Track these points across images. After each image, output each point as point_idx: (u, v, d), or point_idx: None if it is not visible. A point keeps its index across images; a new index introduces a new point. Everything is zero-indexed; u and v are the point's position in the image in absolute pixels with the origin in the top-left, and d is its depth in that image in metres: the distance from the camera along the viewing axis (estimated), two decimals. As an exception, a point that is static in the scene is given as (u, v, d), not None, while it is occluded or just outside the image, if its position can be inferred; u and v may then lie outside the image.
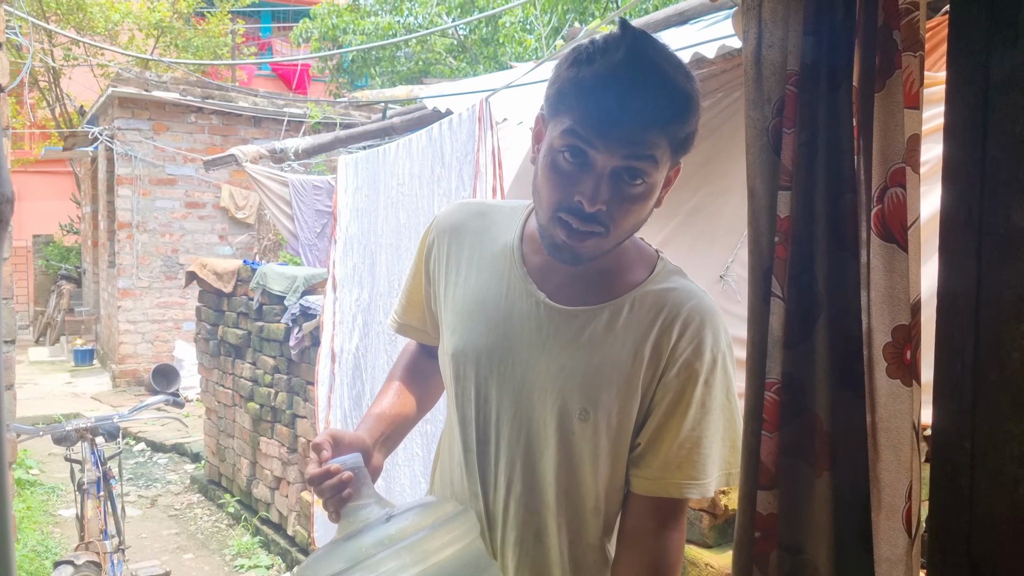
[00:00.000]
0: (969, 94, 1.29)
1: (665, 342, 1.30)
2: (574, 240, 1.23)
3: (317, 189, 6.19)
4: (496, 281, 1.38)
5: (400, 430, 1.51)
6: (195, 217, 10.39)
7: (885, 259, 1.20)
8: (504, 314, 1.35)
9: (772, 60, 1.22)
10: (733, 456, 1.34)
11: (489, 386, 1.35)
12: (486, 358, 1.35)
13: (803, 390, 1.20)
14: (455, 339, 1.39)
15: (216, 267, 6.21)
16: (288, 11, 17.09)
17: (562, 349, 1.32)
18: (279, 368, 5.46)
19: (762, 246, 1.21)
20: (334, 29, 13.21)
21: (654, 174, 1.23)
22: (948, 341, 1.33)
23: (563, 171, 1.22)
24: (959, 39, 1.31)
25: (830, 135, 1.21)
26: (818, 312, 1.19)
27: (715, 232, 3.07)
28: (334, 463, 1.25)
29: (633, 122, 1.17)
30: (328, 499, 1.25)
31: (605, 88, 1.17)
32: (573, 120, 1.19)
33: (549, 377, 1.32)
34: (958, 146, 1.30)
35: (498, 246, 1.41)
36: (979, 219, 1.29)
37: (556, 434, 1.32)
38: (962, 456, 1.32)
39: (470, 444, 1.39)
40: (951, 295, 1.32)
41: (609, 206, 1.21)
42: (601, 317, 1.32)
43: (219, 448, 6.46)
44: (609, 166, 1.19)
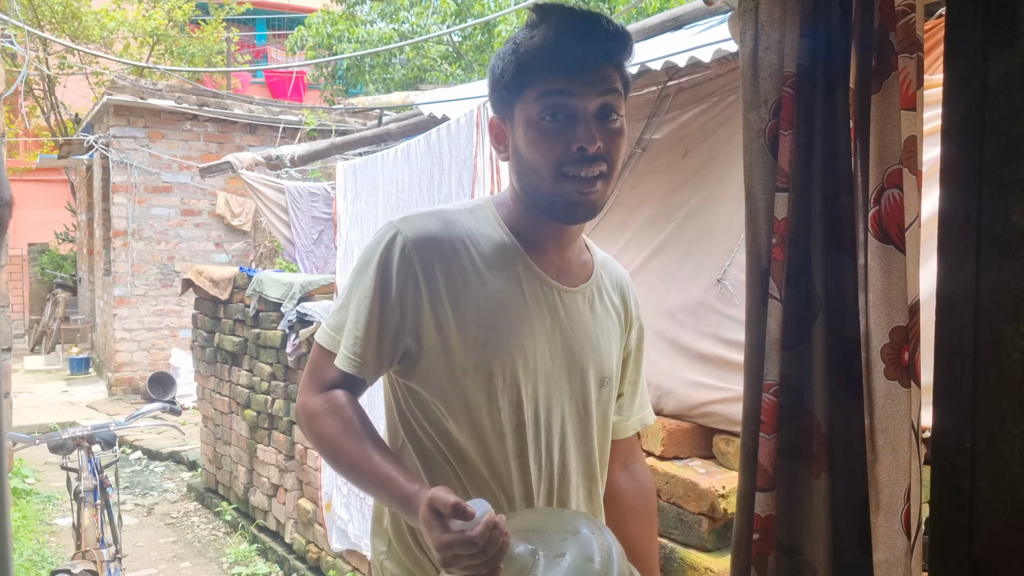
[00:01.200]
0: (966, 95, 1.29)
1: (627, 303, 1.54)
2: (587, 188, 1.29)
3: (313, 196, 6.18)
4: (513, 282, 1.38)
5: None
6: (191, 224, 10.38)
7: (882, 261, 1.20)
8: (532, 311, 1.38)
9: (769, 62, 1.22)
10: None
11: (538, 384, 1.37)
12: (532, 358, 1.36)
13: (801, 392, 1.20)
14: (491, 351, 1.32)
15: (212, 274, 6.19)
16: (283, 19, 17.09)
17: (580, 327, 1.42)
18: (276, 375, 5.44)
19: (759, 248, 1.21)
20: (329, 37, 13.20)
21: (621, 107, 1.33)
22: (947, 342, 1.33)
23: (552, 131, 1.29)
24: (956, 41, 1.31)
25: (827, 137, 1.21)
26: (815, 314, 1.19)
27: (712, 236, 3.06)
28: (489, 515, 1.09)
29: (596, 57, 1.29)
30: (494, 555, 1.10)
31: (561, 39, 1.27)
32: (543, 83, 1.29)
33: (584, 356, 1.42)
34: (956, 147, 1.30)
35: (492, 247, 1.37)
36: (977, 220, 1.29)
37: (595, 406, 1.44)
38: (962, 457, 1.32)
39: (524, 448, 1.35)
40: (950, 296, 1.32)
41: (604, 143, 1.29)
42: (593, 291, 1.47)
43: (216, 456, 6.44)
44: (591, 107, 1.28)
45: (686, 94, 3.68)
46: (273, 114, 10.36)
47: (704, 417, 2.76)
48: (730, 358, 2.72)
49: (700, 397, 2.76)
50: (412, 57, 13.57)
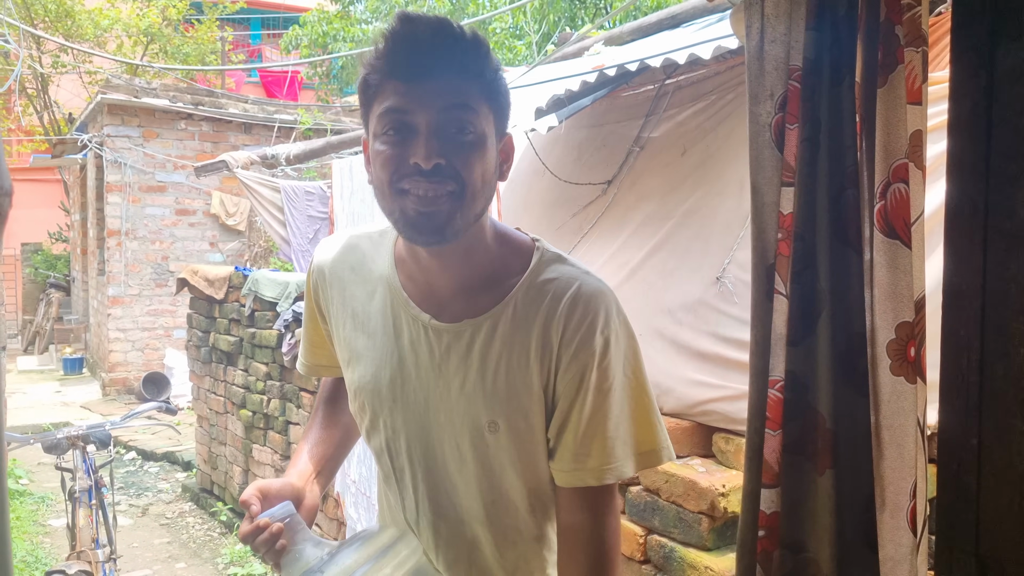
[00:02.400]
0: (973, 88, 1.28)
1: (553, 338, 1.26)
2: (427, 206, 1.18)
3: (309, 195, 6.16)
4: (381, 313, 1.36)
5: (332, 463, 1.50)
6: (185, 224, 10.34)
7: (888, 256, 1.19)
8: (394, 344, 1.34)
9: (774, 55, 1.21)
10: (645, 433, 1.30)
11: (395, 417, 1.35)
12: (387, 390, 1.34)
13: (806, 388, 1.19)
14: (353, 376, 1.39)
15: (207, 274, 6.17)
16: (278, 18, 17.05)
17: (457, 368, 1.30)
18: (271, 375, 5.42)
19: (765, 243, 1.20)
20: (324, 36, 13.17)
21: (477, 122, 1.19)
22: (954, 337, 1.32)
23: (391, 146, 1.19)
24: (963, 34, 1.30)
25: (832, 130, 1.20)
26: (821, 309, 1.18)
27: (711, 234, 3.05)
28: (263, 518, 1.24)
29: (435, 70, 1.17)
30: (264, 553, 1.24)
31: (398, 55, 1.18)
32: (383, 97, 1.19)
33: (452, 397, 1.31)
34: (963, 140, 1.29)
35: (375, 277, 1.39)
36: (984, 213, 1.28)
37: (471, 450, 1.32)
38: (968, 454, 1.31)
39: (388, 473, 1.41)
40: (956, 290, 1.31)
41: (448, 159, 1.17)
42: (486, 327, 1.28)
43: (211, 456, 6.41)
44: (431, 122, 1.17)
45: (684, 92, 3.67)
46: (268, 113, 10.33)
47: (704, 415, 2.75)
48: (730, 356, 2.71)
49: (699, 395, 2.74)
50: (407, 56, 13.55)
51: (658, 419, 1.30)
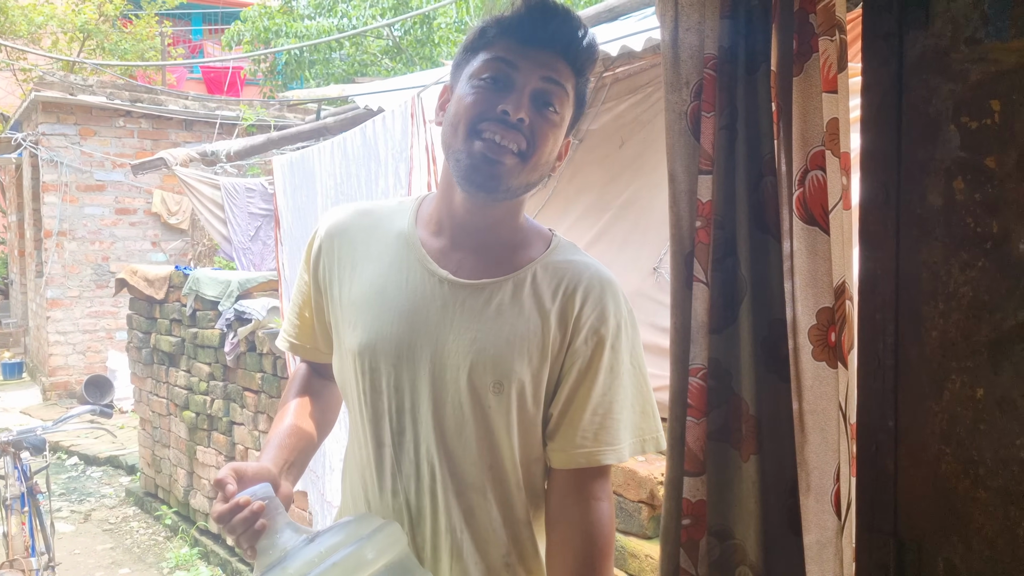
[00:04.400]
0: (884, 77, 1.30)
1: (570, 310, 1.31)
2: (495, 154, 1.23)
3: (250, 191, 6.07)
4: (395, 268, 1.36)
5: (304, 456, 1.46)
6: (126, 224, 10.11)
7: (808, 242, 1.20)
8: (408, 299, 1.33)
9: (689, 43, 1.22)
10: (644, 422, 1.34)
11: (400, 374, 1.33)
12: (394, 346, 1.33)
13: (729, 375, 1.20)
14: (359, 334, 1.36)
15: (147, 273, 6.05)
16: (219, 13, 16.75)
17: (470, 322, 1.31)
18: (215, 375, 5.34)
19: (683, 230, 1.20)
20: (266, 32, 12.95)
21: (564, 107, 1.28)
22: (870, 322, 1.34)
23: (485, 90, 1.25)
24: (873, 24, 1.32)
25: (749, 118, 1.21)
26: (742, 296, 1.19)
27: (648, 225, 3.08)
28: (242, 495, 1.19)
29: (552, 43, 1.26)
30: (241, 535, 1.19)
31: (524, 15, 1.26)
32: (495, 48, 1.27)
33: (460, 352, 1.30)
34: (875, 129, 1.32)
35: (391, 236, 1.40)
36: (896, 201, 1.30)
37: (472, 411, 1.31)
38: (886, 436, 1.33)
39: (383, 439, 1.36)
40: (871, 277, 1.33)
41: (531, 122, 1.24)
42: (506, 288, 1.32)
43: (155, 459, 6.30)
44: (529, 85, 1.24)
45: (622, 84, 3.69)
46: (209, 110, 10.15)
47: (643, 405, 2.77)
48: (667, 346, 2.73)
49: (639, 385, 2.76)
50: (352, 52, 13.41)
51: (655, 409, 1.34)
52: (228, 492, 1.21)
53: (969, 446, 1.21)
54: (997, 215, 1.17)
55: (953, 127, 1.21)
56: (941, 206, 1.22)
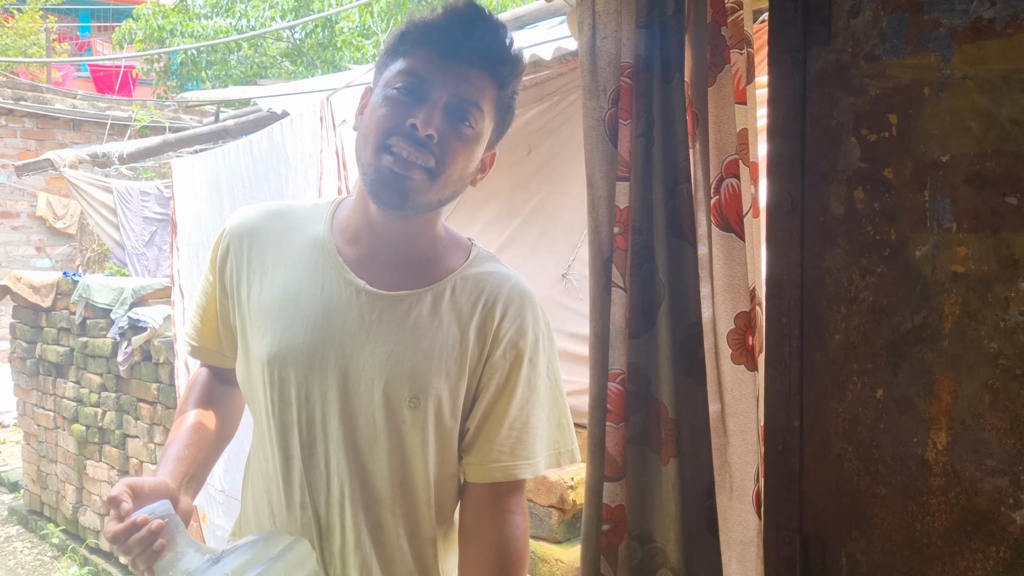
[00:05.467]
0: (788, 90, 1.36)
1: (489, 323, 1.30)
2: (403, 168, 1.20)
3: (145, 195, 5.86)
4: (308, 275, 1.32)
5: (204, 467, 1.41)
6: (7, 228, 9.61)
7: (724, 248, 1.24)
8: (321, 307, 1.29)
9: (606, 51, 1.24)
10: (560, 435, 1.34)
11: (311, 385, 1.29)
12: (306, 356, 1.28)
13: (648, 379, 1.22)
14: (268, 342, 1.31)
15: (32, 280, 5.76)
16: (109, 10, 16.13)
17: (388, 335, 1.28)
18: (107, 386, 5.12)
19: (601, 236, 1.22)
20: (160, 31, 12.54)
21: (480, 123, 1.25)
22: (776, 326, 1.39)
23: (396, 102, 1.22)
24: (778, 39, 1.37)
25: (665, 126, 1.24)
26: (660, 301, 1.22)
27: (556, 232, 3.11)
28: (139, 514, 1.12)
29: (470, 60, 1.23)
30: (138, 556, 1.12)
31: (446, 24, 1.23)
32: (412, 58, 1.24)
33: (375, 365, 1.27)
34: (780, 140, 1.36)
35: (306, 241, 1.35)
36: (801, 208, 1.36)
37: (386, 425, 1.28)
38: (791, 436, 1.38)
39: (292, 451, 1.31)
40: (778, 282, 1.38)
41: (441, 138, 1.20)
42: (425, 300, 1.30)
43: (40, 475, 5.99)
44: (442, 99, 1.21)
45: (528, 92, 3.72)
46: (100, 109, 9.76)
47: (552, 410, 2.79)
48: (575, 351, 2.76)
49: (548, 391, 2.79)
50: (250, 54, 13.11)
51: (571, 421, 1.33)
52: (123, 510, 1.14)
53: (869, 444, 1.26)
54: (895, 223, 1.22)
55: (853, 139, 1.27)
56: (843, 214, 1.28)
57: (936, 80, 1.17)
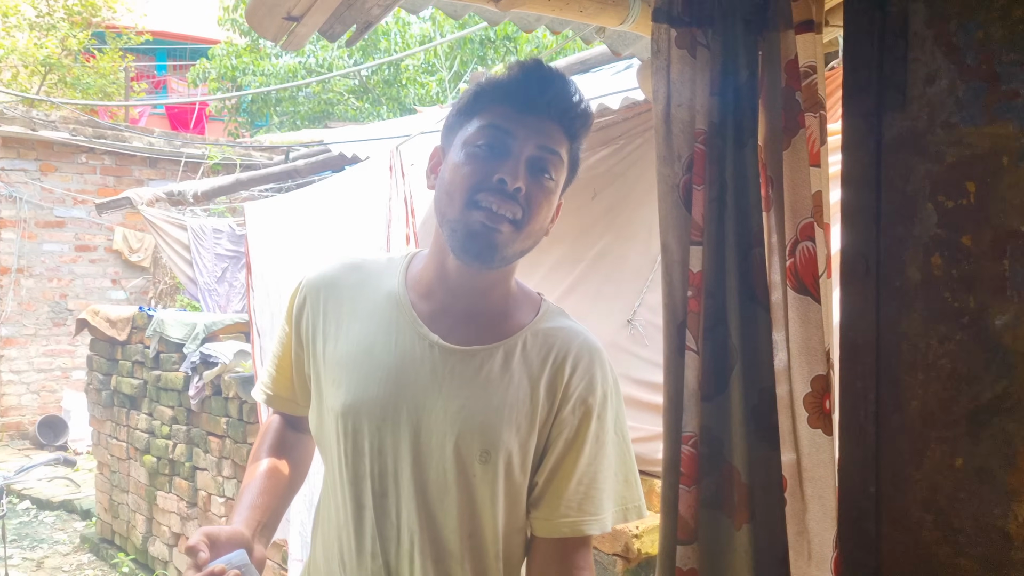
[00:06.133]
0: (863, 154, 1.36)
1: (559, 379, 1.32)
2: (493, 222, 1.24)
3: (217, 233, 6.04)
4: (383, 329, 1.35)
5: (276, 515, 1.44)
6: (85, 261, 9.96)
7: (800, 311, 1.24)
8: (395, 361, 1.32)
9: (681, 119, 1.26)
10: (627, 491, 1.35)
11: (384, 437, 1.31)
12: (379, 408, 1.31)
13: (721, 442, 1.22)
14: (342, 394, 1.34)
15: (109, 314, 5.96)
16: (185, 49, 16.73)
17: (460, 389, 1.30)
18: (177, 419, 5.25)
19: (675, 300, 1.24)
20: (233, 70, 12.98)
21: (558, 174, 1.30)
22: (851, 389, 1.38)
23: (480, 158, 1.26)
24: (852, 103, 1.37)
25: (738, 191, 1.25)
26: (733, 364, 1.22)
27: (622, 277, 3.12)
28: (217, 564, 1.16)
29: (547, 114, 1.27)
30: None
31: (521, 81, 1.28)
32: (491, 114, 1.28)
33: (447, 419, 1.29)
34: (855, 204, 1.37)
35: (381, 295, 1.39)
36: (876, 272, 1.35)
37: (457, 479, 1.29)
38: (867, 501, 1.36)
39: (364, 501, 1.34)
40: (853, 344, 1.37)
41: (527, 191, 1.25)
42: (496, 355, 1.32)
43: (112, 504, 6.15)
44: (526, 152, 1.25)
45: (594, 136, 3.75)
46: (175, 147, 10.08)
47: (617, 457, 2.78)
48: (641, 398, 2.76)
49: (613, 437, 2.78)
50: (318, 91, 13.45)
51: (638, 477, 1.34)
52: (201, 560, 1.18)
53: (949, 514, 1.24)
54: (974, 291, 1.21)
55: (930, 205, 1.26)
56: (920, 280, 1.27)
57: (1015, 149, 1.16)
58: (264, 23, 1.41)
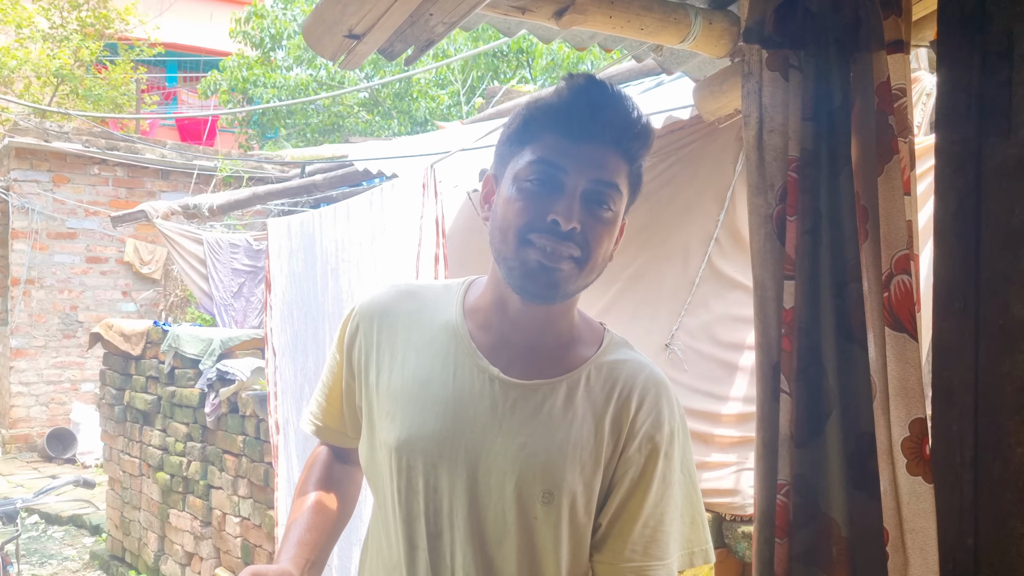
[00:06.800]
0: (960, 183, 1.28)
1: (624, 415, 1.24)
2: (550, 261, 1.16)
3: (234, 247, 5.97)
4: (441, 360, 1.28)
5: (325, 552, 1.38)
6: (96, 272, 9.91)
7: (897, 350, 1.15)
8: (453, 395, 1.24)
9: (773, 145, 1.18)
10: (694, 534, 1.27)
11: (439, 475, 1.24)
12: (436, 444, 1.23)
13: (815, 491, 1.14)
14: (396, 428, 1.26)
15: (123, 329, 5.89)
16: (196, 61, 16.74)
17: (521, 426, 1.22)
18: (192, 436, 5.17)
19: (770, 339, 1.15)
20: (244, 82, 12.97)
21: (618, 204, 1.21)
22: (945, 432, 1.29)
23: (532, 195, 1.18)
24: (948, 127, 1.29)
25: (833, 222, 1.18)
26: (830, 408, 1.14)
27: (658, 299, 3.04)
28: None
29: (602, 140, 1.18)
30: None
31: (573, 107, 1.18)
32: (541, 146, 1.19)
33: (508, 458, 1.21)
34: (951, 236, 1.28)
35: (437, 325, 1.31)
36: (976, 310, 1.27)
37: (517, 521, 1.21)
38: (964, 554, 1.28)
39: (417, 541, 1.26)
40: (947, 385, 1.29)
41: (583, 228, 1.17)
42: (560, 391, 1.25)
43: (123, 521, 6.06)
44: (580, 187, 1.17)
45: (626, 155, 3.68)
46: (187, 159, 10.04)
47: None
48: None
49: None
50: (328, 104, 13.42)
51: (704, 519, 1.27)
52: None
53: (1060, 570, 1.16)
54: (1089, 331, 1.14)
55: (1039, 238, 1.19)
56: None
57: None
58: (323, 41, 1.34)
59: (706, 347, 2.90)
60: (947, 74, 1.30)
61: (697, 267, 3.04)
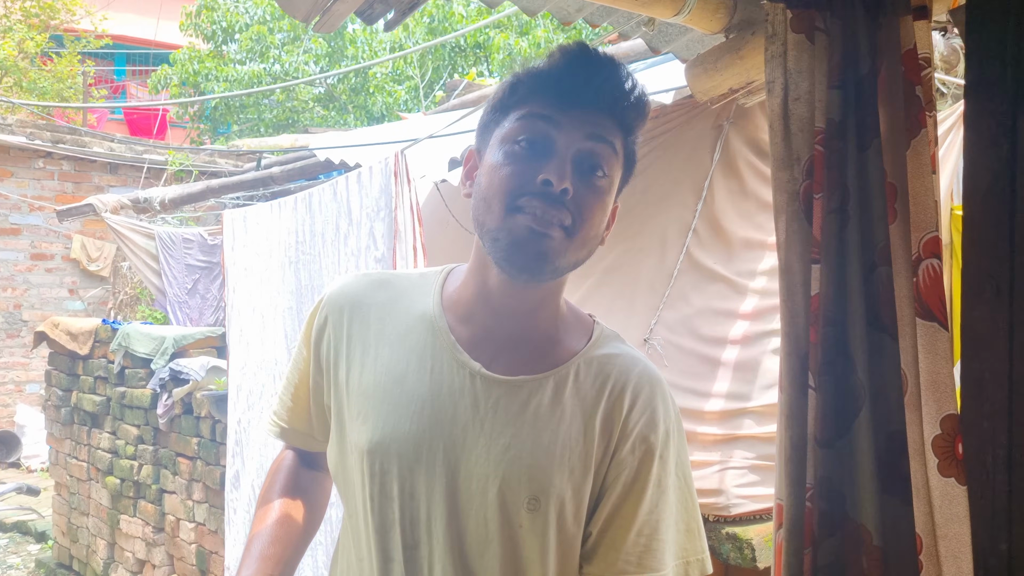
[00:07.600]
0: (993, 160, 1.18)
1: (617, 414, 1.15)
2: (541, 227, 1.06)
3: (188, 242, 5.75)
4: (417, 355, 1.17)
5: (290, 566, 1.26)
6: (41, 269, 9.56)
7: (927, 340, 1.06)
8: (430, 392, 1.15)
9: (799, 115, 1.07)
10: (690, 542, 1.18)
11: (416, 480, 1.13)
12: (412, 447, 1.13)
13: (842, 496, 1.03)
14: (368, 429, 1.16)
15: (70, 327, 5.64)
16: (146, 55, 16.31)
17: (505, 426, 1.13)
18: (144, 438, 4.96)
19: (798, 329, 1.05)
20: (195, 76, 12.66)
21: (612, 169, 1.13)
22: (975, 429, 1.20)
23: (521, 157, 1.09)
24: (979, 99, 1.20)
25: (862, 201, 1.07)
26: (859, 404, 1.04)
27: (635, 292, 2.94)
28: None
29: (596, 106, 1.11)
30: None
31: (564, 70, 1.11)
32: (531, 104, 1.12)
33: (490, 461, 1.12)
34: (983, 216, 1.19)
35: (413, 316, 1.21)
36: (1010, 296, 1.18)
37: (500, 529, 1.12)
38: (996, 559, 1.19)
39: (392, 552, 1.16)
40: (978, 379, 1.19)
41: (576, 195, 1.08)
42: (546, 387, 1.15)
43: (70, 527, 5.81)
44: (572, 147, 1.09)
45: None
46: (136, 153, 9.75)
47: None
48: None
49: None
50: (283, 99, 13.17)
51: (701, 526, 1.18)
52: None
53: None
54: None
55: (1079, 218, 1.10)
56: (1067, 304, 1.10)
57: None
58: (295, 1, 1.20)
59: (687, 342, 2.80)
60: (977, 41, 1.21)
61: (675, 259, 2.94)
